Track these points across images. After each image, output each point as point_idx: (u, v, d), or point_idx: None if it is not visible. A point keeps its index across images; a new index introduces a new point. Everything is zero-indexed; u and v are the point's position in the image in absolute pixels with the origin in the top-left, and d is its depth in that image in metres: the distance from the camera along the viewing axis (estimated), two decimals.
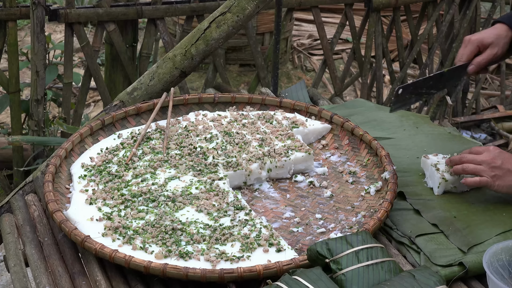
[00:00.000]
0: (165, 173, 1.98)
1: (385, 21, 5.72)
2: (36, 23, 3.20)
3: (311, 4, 3.94)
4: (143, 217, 1.80)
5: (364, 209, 1.89)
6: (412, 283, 1.52)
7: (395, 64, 5.36)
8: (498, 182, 1.86)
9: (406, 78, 4.55)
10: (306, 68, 5.97)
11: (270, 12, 5.08)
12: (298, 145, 2.10)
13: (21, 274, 1.76)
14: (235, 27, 2.44)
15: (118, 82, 3.71)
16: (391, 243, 1.82)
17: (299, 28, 6.45)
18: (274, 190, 2.02)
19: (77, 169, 2.00)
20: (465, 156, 1.92)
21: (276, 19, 3.57)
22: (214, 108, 2.32)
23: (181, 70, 2.43)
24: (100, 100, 5.12)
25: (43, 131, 3.40)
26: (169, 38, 3.65)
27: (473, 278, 1.70)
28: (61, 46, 3.84)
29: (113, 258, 1.65)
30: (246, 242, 1.72)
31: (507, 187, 1.86)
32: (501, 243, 1.62)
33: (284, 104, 2.32)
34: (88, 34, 5.32)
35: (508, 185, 1.85)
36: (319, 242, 1.62)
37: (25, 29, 6.14)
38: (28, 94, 4.68)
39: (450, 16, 4.49)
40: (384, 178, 1.96)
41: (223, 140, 2.12)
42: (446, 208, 1.90)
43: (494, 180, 1.86)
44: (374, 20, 4.10)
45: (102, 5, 3.45)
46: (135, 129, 2.17)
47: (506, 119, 5.10)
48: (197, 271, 1.60)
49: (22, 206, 2.00)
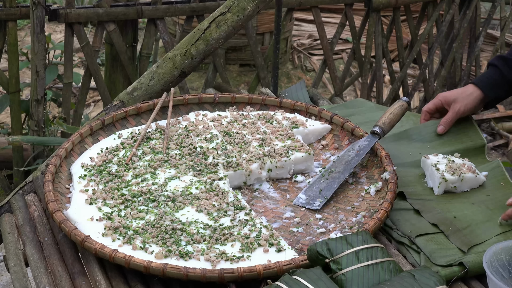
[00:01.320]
0: (165, 173, 1.98)
1: (385, 21, 5.72)
2: (36, 23, 3.20)
3: (311, 4, 3.94)
4: (143, 217, 1.80)
5: (364, 209, 1.89)
6: (412, 283, 1.52)
7: (395, 64, 5.36)
8: None
9: (406, 78, 4.55)
10: (306, 68, 5.97)
11: (270, 12, 5.08)
12: (298, 145, 2.10)
13: (21, 274, 1.76)
14: (235, 27, 2.44)
15: (118, 82, 3.71)
16: (391, 243, 1.82)
17: (299, 28, 6.45)
18: (274, 190, 2.02)
19: (77, 169, 2.00)
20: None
21: (276, 19, 3.57)
22: (214, 108, 2.32)
23: (181, 70, 2.43)
24: (100, 100, 5.12)
25: (43, 131, 3.40)
26: (169, 38, 3.65)
27: (473, 278, 1.70)
28: (61, 46, 3.85)
29: (113, 258, 1.65)
30: (246, 242, 1.72)
31: None
32: (501, 243, 1.62)
33: (284, 104, 2.32)
34: (88, 34, 5.32)
35: None
36: (319, 242, 1.62)
37: (25, 29, 6.14)
38: (28, 94, 4.68)
39: (450, 16, 4.49)
40: (384, 179, 1.96)
41: (223, 140, 2.12)
42: (446, 208, 1.90)
43: None
44: (374, 20, 4.11)
45: (102, 5, 3.45)
46: (135, 129, 2.18)
47: (506, 119, 5.11)
48: (197, 271, 1.60)
49: (22, 206, 2.00)
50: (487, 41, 5.99)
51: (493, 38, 6.00)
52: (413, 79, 5.52)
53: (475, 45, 4.83)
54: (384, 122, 2.13)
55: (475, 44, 4.83)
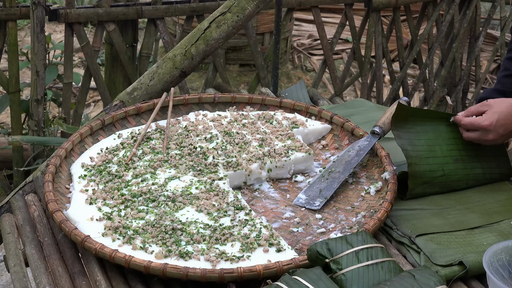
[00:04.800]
0: (165, 173, 1.98)
1: (385, 21, 5.72)
2: (36, 23, 3.20)
3: (311, 4, 3.94)
4: (143, 217, 1.80)
5: (364, 209, 1.89)
6: (412, 283, 1.52)
7: (395, 64, 5.36)
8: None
9: (406, 78, 4.55)
10: (306, 68, 5.97)
11: (270, 12, 5.08)
12: (298, 145, 2.11)
13: (21, 274, 1.76)
14: (235, 27, 2.44)
15: (118, 82, 3.72)
16: (391, 243, 1.82)
17: (299, 28, 6.45)
18: (274, 190, 2.02)
19: (77, 169, 2.00)
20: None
21: (276, 19, 3.57)
22: (214, 108, 2.32)
23: (181, 70, 2.43)
24: (100, 100, 5.12)
25: (43, 131, 3.40)
26: (169, 38, 3.65)
27: (473, 278, 1.70)
28: (61, 46, 3.85)
29: (113, 258, 1.65)
30: (246, 242, 1.72)
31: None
32: (501, 243, 1.62)
33: (284, 104, 2.32)
34: (88, 34, 5.32)
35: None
36: (319, 242, 1.62)
37: (25, 29, 6.14)
38: (28, 94, 4.68)
39: (450, 16, 4.49)
40: (384, 179, 1.96)
41: (223, 140, 2.12)
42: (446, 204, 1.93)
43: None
44: (374, 20, 4.11)
45: (102, 5, 3.45)
46: (135, 129, 2.18)
47: None
48: (197, 271, 1.60)
49: (22, 206, 2.00)
50: (487, 41, 5.99)
51: (493, 38, 6.00)
52: (413, 79, 5.53)
53: (475, 45, 4.83)
54: (384, 122, 2.13)
55: (475, 44, 4.83)
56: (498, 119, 1.88)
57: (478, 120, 1.91)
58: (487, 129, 1.89)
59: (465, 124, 1.94)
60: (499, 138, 1.90)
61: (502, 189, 2.00)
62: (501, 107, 1.89)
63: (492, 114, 1.88)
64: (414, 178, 1.94)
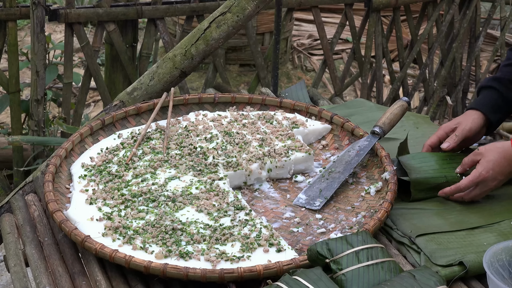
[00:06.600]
0: (165, 173, 1.98)
1: (385, 21, 5.71)
2: (36, 23, 3.20)
3: (311, 4, 3.94)
4: (143, 217, 1.80)
5: (364, 210, 1.89)
6: (412, 283, 1.52)
7: (395, 64, 5.36)
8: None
9: (406, 78, 4.55)
10: (306, 68, 5.97)
11: (270, 12, 5.08)
12: (298, 145, 2.10)
13: (21, 274, 1.76)
14: (235, 27, 2.44)
15: (118, 82, 3.71)
16: (391, 243, 1.82)
17: (299, 28, 6.45)
18: (274, 190, 2.02)
19: (77, 169, 2.00)
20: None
21: (276, 19, 3.57)
22: (214, 108, 2.32)
23: (181, 70, 2.43)
24: (100, 100, 5.12)
25: (43, 131, 3.40)
26: (169, 38, 3.65)
27: (473, 278, 1.70)
28: (61, 46, 3.85)
29: (113, 258, 1.64)
30: (246, 242, 1.72)
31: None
32: (501, 243, 1.62)
33: (284, 104, 2.32)
34: (88, 34, 5.32)
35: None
36: (319, 242, 1.62)
37: (25, 29, 6.14)
38: (28, 94, 4.68)
39: (450, 16, 4.49)
40: (384, 179, 1.96)
41: (223, 140, 2.12)
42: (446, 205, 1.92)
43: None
44: (374, 20, 4.11)
45: (102, 5, 3.45)
46: (135, 129, 2.18)
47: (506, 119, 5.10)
48: (197, 271, 1.60)
49: (22, 206, 2.00)
50: (487, 41, 5.99)
51: (493, 38, 6.00)
52: (413, 79, 5.53)
53: (475, 45, 4.83)
54: (384, 122, 2.13)
55: (475, 44, 4.83)
56: (493, 167, 1.90)
57: (475, 175, 1.92)
58: (486, 179, 1.91)
59: (466, 187, 1.93)
60: (499, 183, 1.93)
61: (502, 189, 2.00)
62: (493, 155, 1.91)
63: (486, 163, 1.91)
64: (417, 185, 1.94)
